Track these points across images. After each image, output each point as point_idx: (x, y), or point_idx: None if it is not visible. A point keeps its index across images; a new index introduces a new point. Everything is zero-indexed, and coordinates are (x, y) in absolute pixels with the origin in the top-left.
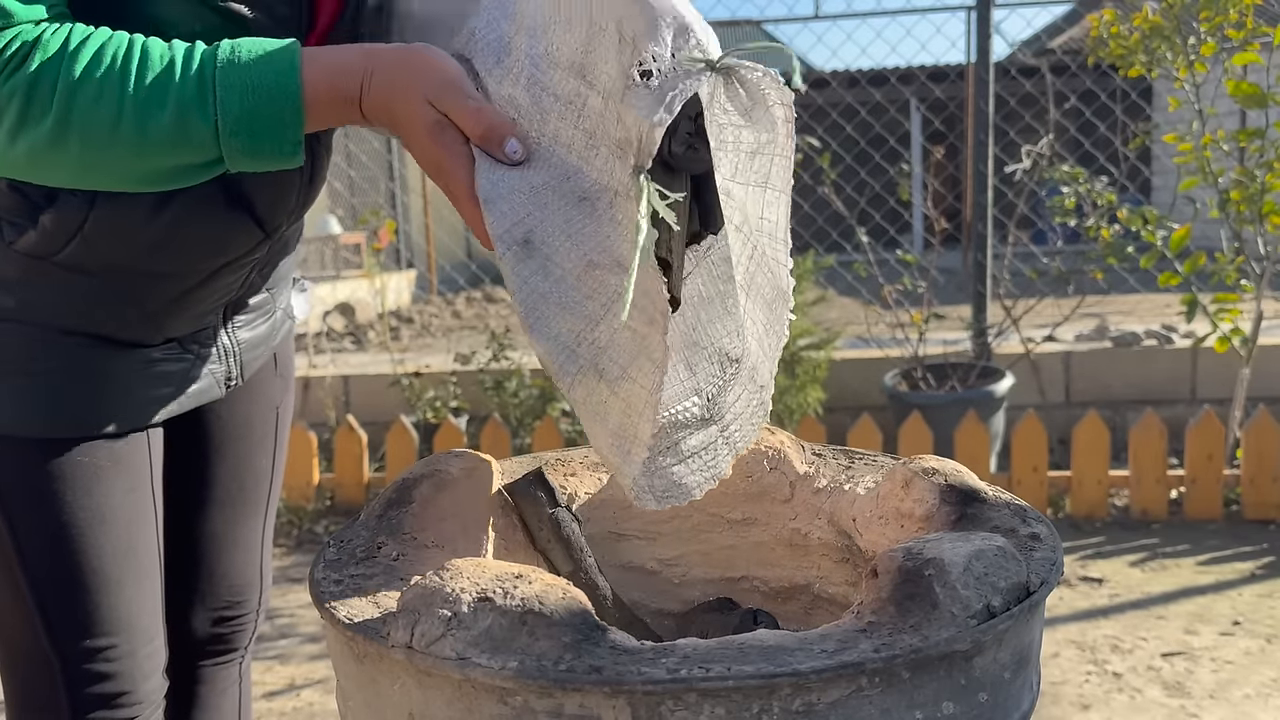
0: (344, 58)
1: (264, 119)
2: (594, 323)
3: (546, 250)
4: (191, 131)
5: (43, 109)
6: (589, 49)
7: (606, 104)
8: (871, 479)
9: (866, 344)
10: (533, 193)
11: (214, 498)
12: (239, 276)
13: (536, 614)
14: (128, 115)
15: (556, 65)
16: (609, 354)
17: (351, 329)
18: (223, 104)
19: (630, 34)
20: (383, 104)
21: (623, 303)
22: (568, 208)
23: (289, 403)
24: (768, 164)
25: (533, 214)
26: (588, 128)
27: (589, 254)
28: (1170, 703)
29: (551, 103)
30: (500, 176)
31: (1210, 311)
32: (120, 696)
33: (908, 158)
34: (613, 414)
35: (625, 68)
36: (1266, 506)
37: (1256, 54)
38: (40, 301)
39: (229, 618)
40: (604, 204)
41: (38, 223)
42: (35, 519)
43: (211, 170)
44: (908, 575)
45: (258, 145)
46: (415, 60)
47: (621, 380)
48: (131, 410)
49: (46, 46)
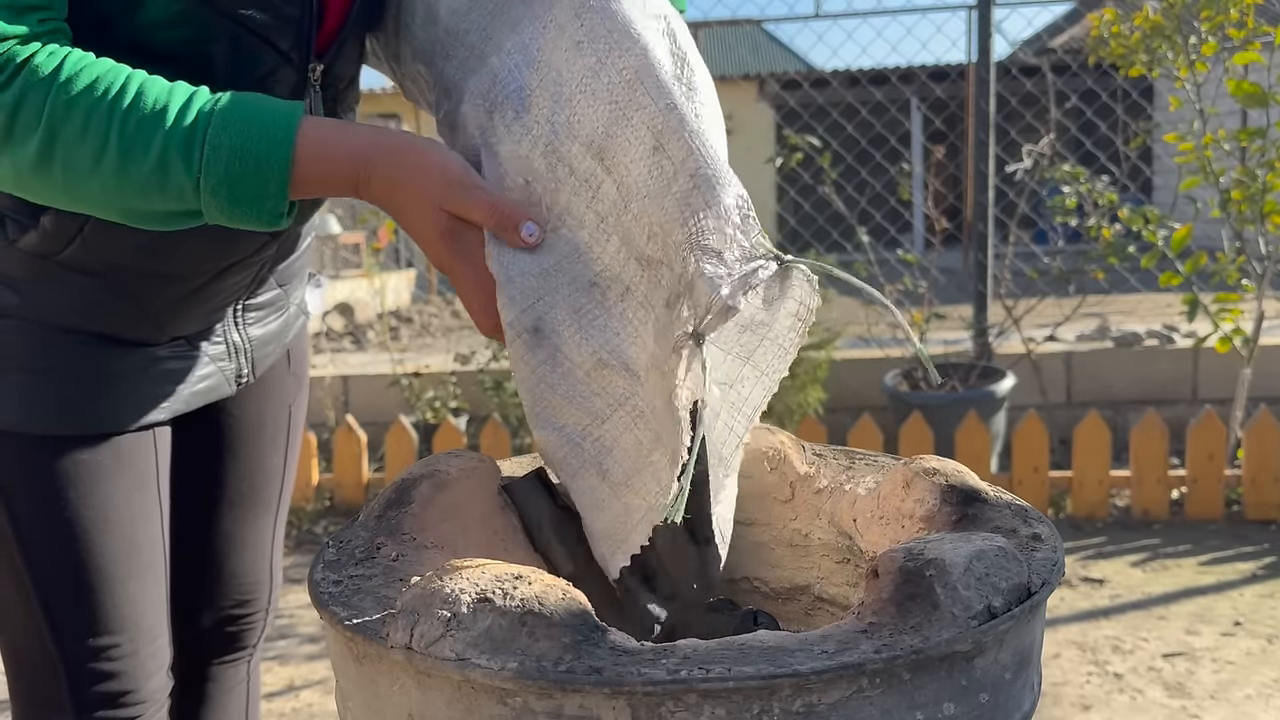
0: (346, 141)
1: (247, 185)
2: (600, 420)
3: (556, 340)
4: (171, 181)
5: (27, 131)
6: (610, 134)
7: (626, 200)
8: (872, 479)
9: (867, 344)
10: (544, 275)
11: (225, 496)
12: (247, 275)
13: (536, 615)
14: (111, 152)
15: (576, 139)
16: (613, 455)
17: (351, 329)
18: (208, 163)
19: (675, 159)
20: (386, 199)
21: (630, 408)
22: (577, 294)
23: (302, 401)
24: (755, 342)
25: (543, 299)
26: (600, 210)
27: (598, 351)
28: (1171, 703)
29: (566, 175)
30: (512, 258)
31: (1211, 311)
32: (124, 695)
33: (908, 157)
34: (610, 513)
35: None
36: (1268, 506)
37: (1258, 53)
38: (44, 299)
39: (238, 616)
40: (614, 295)
41: (39, 222)
42: (38, 517)
43: (189, 220)
44: (909, 576)
45: (236, 209)
46: (418, 158)
47: (624, 487)
48: (136, 408)
49: (38, 69)
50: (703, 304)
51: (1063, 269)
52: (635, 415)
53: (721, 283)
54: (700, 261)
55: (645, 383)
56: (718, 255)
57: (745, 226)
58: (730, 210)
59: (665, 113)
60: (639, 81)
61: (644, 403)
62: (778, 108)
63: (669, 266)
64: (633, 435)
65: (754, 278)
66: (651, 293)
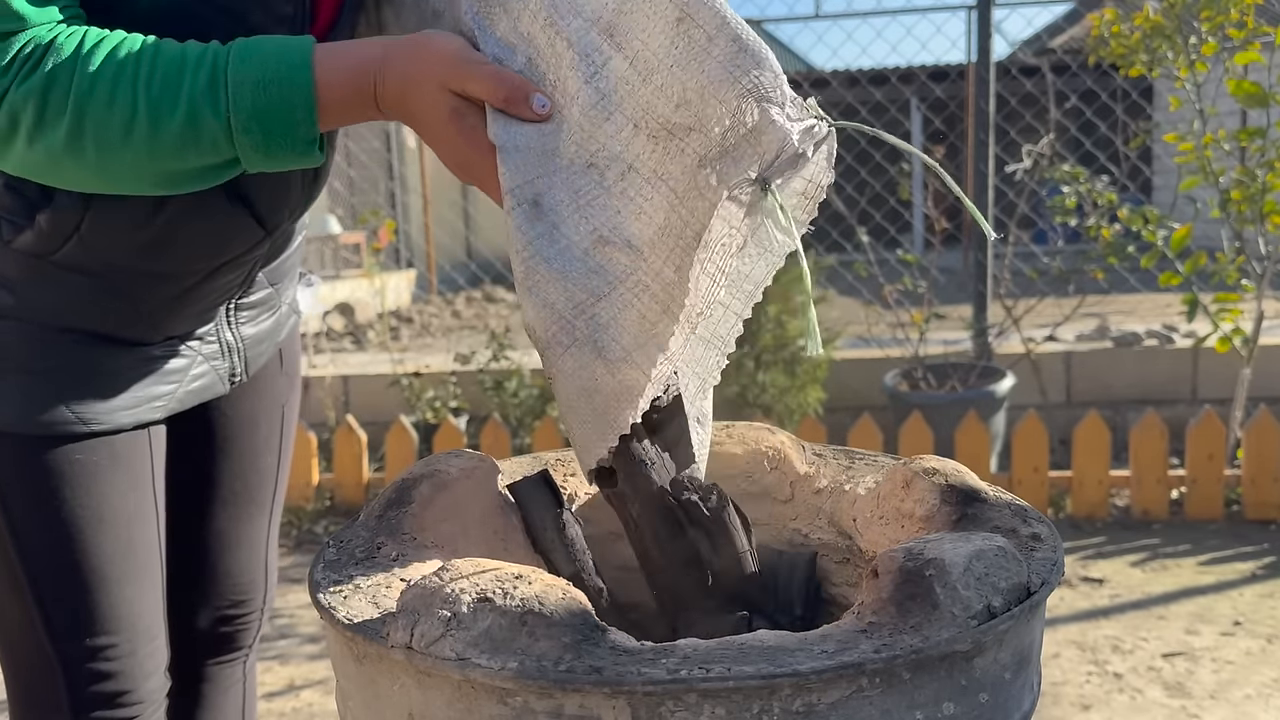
0: (359, 52)
1: (276, 115)
2: (598, 298)
3: (554, 217)
4: (203, 130)
5: (57, 112)
6: (622, 9)
7: (645, 76)
8: (872, 479)
9: (867, 344)
10: (544, 155)
11: (219, 496)
12: (240, 274)
13: (536, 614)
14: (141, 117)
15: (579, 14)
16: (610, 332)
17: (351, 329)
18: (234, 100)
19: (709, 27)
20: (397, 98)
21: (633, 283)
22: (575, 177)
23: (295, 401)
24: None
25: (543, 177)
26: (601, 88)
27: (599, 228)
28: (1171, 703)
29: (564, 49)
30: (516, 129)
31: (1211, 311)
32: (121, 695)
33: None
34: (603, 393)
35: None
36: (1267, 506)
37: (1258, 53)
38: (39, 300)
39: (233, 616)
40: (614, 175)
41: (35, 222)
42: (34, 517)
43: (229, 170)
44: (908, 575)
45: (271, 142)
46: (424, 47)
47: (623, 363)
48: (131, 407)
49: (60, 50)
50: (772, 149)
51: (1062, 269)
52: (639, 289)
53: (791, 129)
54: (769, 110)
55: (650, 256)
56: (781, 107)
57: (790, 91)
58: (780, 72)
59: None
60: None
61: (648, 276)
62: None
63: (701, 131)
64: (636, 310)
65: (814, 132)
66: (664, 164)
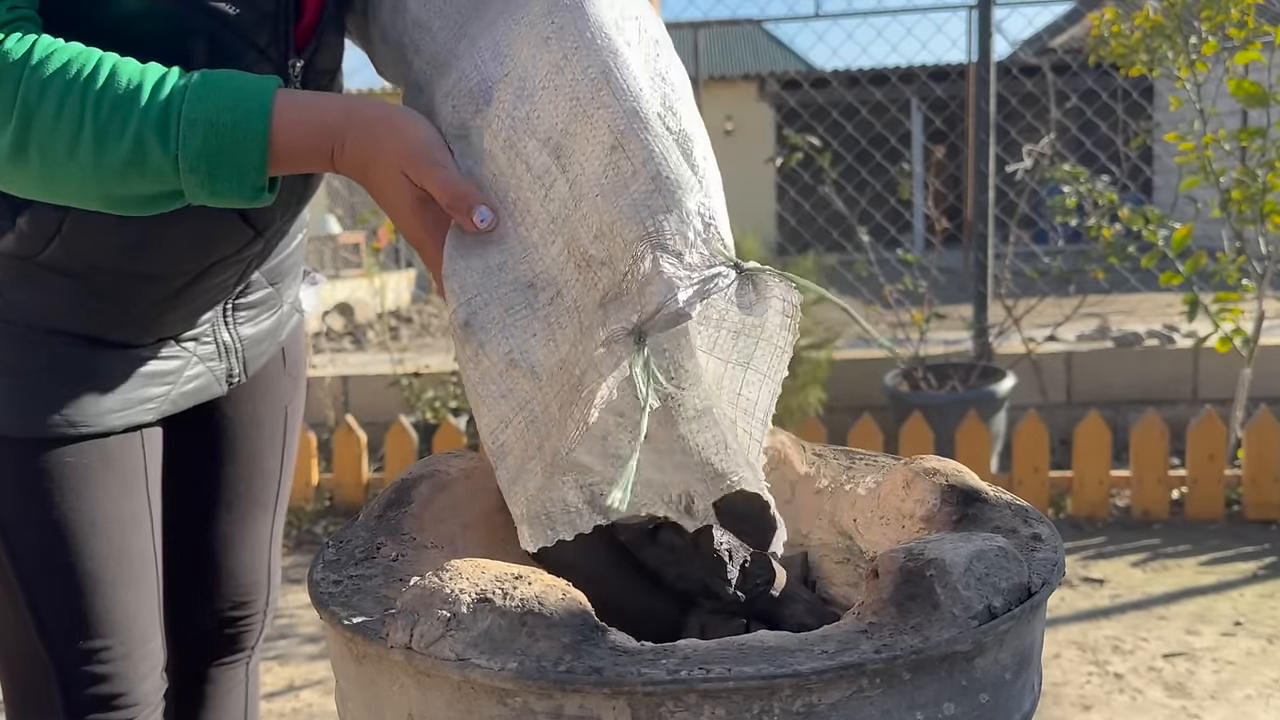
0: (322, 112)
1: (225, 160)
2: (505, 424)
3: (481, 338)
4: (149, 161)
5: (1, 119)
6: (568, 131)
7: (577, 201)
8: (872, 479)
9: (867, 344)
10: (486, 272)
11: (222, 498)
12: (233, 274)
13: (536, 615)
14: (86, 136)
15: (534, 134)
16: (505, 462)
17: (351, 329)
18: (184, 139)
19: (635, 160)
20: (358, 167)
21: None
22: (512, 293)
23: (299, 402)
24: (751, 346)
25: (480, 295)
26: (551, 211)
27: (512, 351)
28: (1171, 703)
29: (523, 172)
30: (462, 251)
31: (1212, 311)
32: (116, 698)
33: (909, 157)
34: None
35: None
36: (1268, 507)
37: (1258, 53)
38: (25, 301)
39: (237, 618)
40: (544, 298)
41: (15, 224)
42: (27, 520)
43: (173, 201)
44: (909, 576)
45: (216, 185)
46: (390, 126)
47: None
48: (122, 409)
49: (7, 54)
50: (654, 303)
51: (1063, 269)
52: (529, 421)
53: (679, 284)
54: (660, 260)
55: (546, 387)
56: (678, 256)
57: (707, 234)
58: (692, 215)
59: (628, 115)
60: (604, 80)
61: (539, 407)
62: (778, 108)
63: (611, 267)
64: (522, 441)
65: (712, 284)
66: (582, 296)
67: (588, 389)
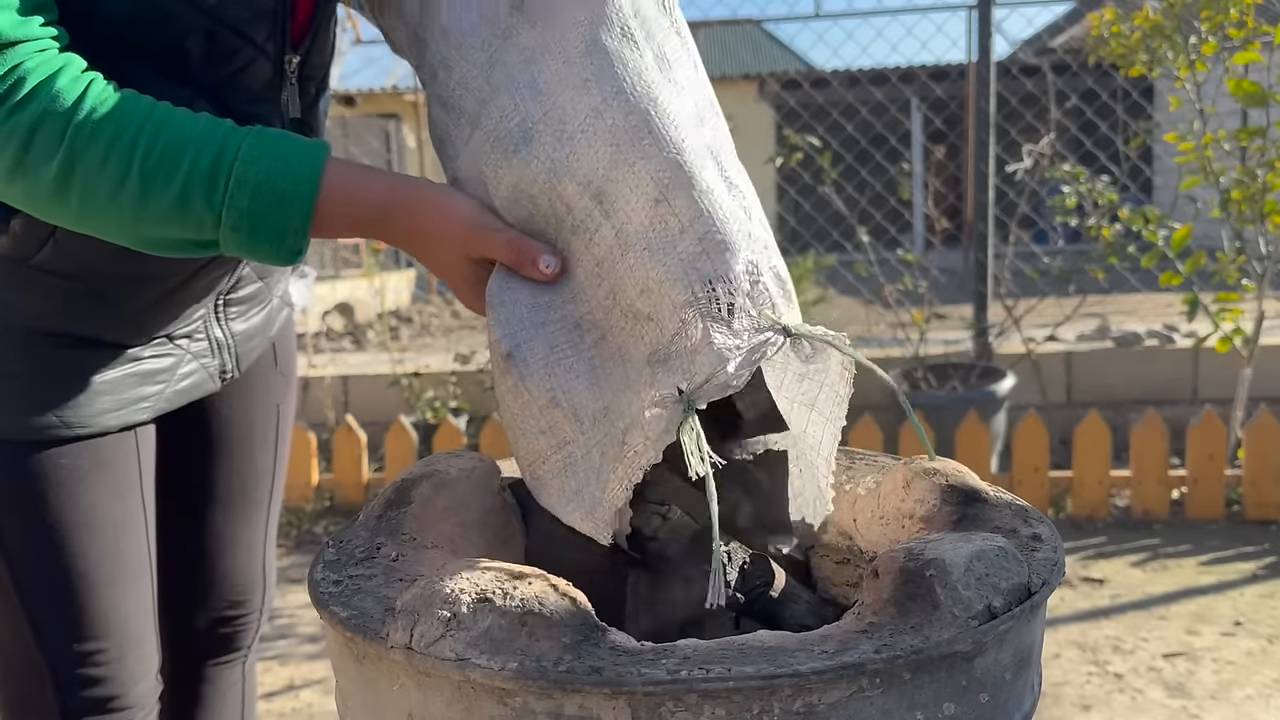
0: (368, 189)
1: (269, 222)
2: (541, 460)
3: (522, 370)
4: (192, 212)
5: (45, 158)
6: (609, 177)
7: (624, 251)
8: (872, 479)
9: (867, 344)
10: (535, 308)
11: (216, 497)
12: (225, 273)
13: (536, 615)
14: (131, 184)
15: (573, 178)
16: (544, 496)
17: (350, 329)
18: (231, 197)
19: (682, 217)
20: (411, 243)
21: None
22: (558, 332)
23: (291, 400)
24: (815, 389)
25: (525, 330)
26: (596, 254)
27: (554, 390)
28: (1171, 703)
29: (565, 214)
30: (511, 283)
31: (1212, 311)
32: (111, 700)
33: (909, 157)
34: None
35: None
36: (1268, 506)
37: (1258, 53)
38: (19, 303)
39: (232, 618)
40: (590, 340)
41: (9, 227)
42: (20, 522)
43: (204, 249)
44: (909, 576)
45: (256, 244)
46: (445, 209)
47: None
48: (117, 409)
49: (59, 94)
50: (703, 373)
51: (1063, 269)
52: (567, 462)
53: (729, 355)
54: (710, 330)
55: (588, 431)
56: (726, 325)
57: (754, 294)
58: (740, 278)
59: (672, 167)
60: (645, 128)
61: (580, 451)
62: (778, 108)
63: (658, 324)
64: (559, 481)
65: (761, 352)
66: (628, 345)
67: (632, 449)
